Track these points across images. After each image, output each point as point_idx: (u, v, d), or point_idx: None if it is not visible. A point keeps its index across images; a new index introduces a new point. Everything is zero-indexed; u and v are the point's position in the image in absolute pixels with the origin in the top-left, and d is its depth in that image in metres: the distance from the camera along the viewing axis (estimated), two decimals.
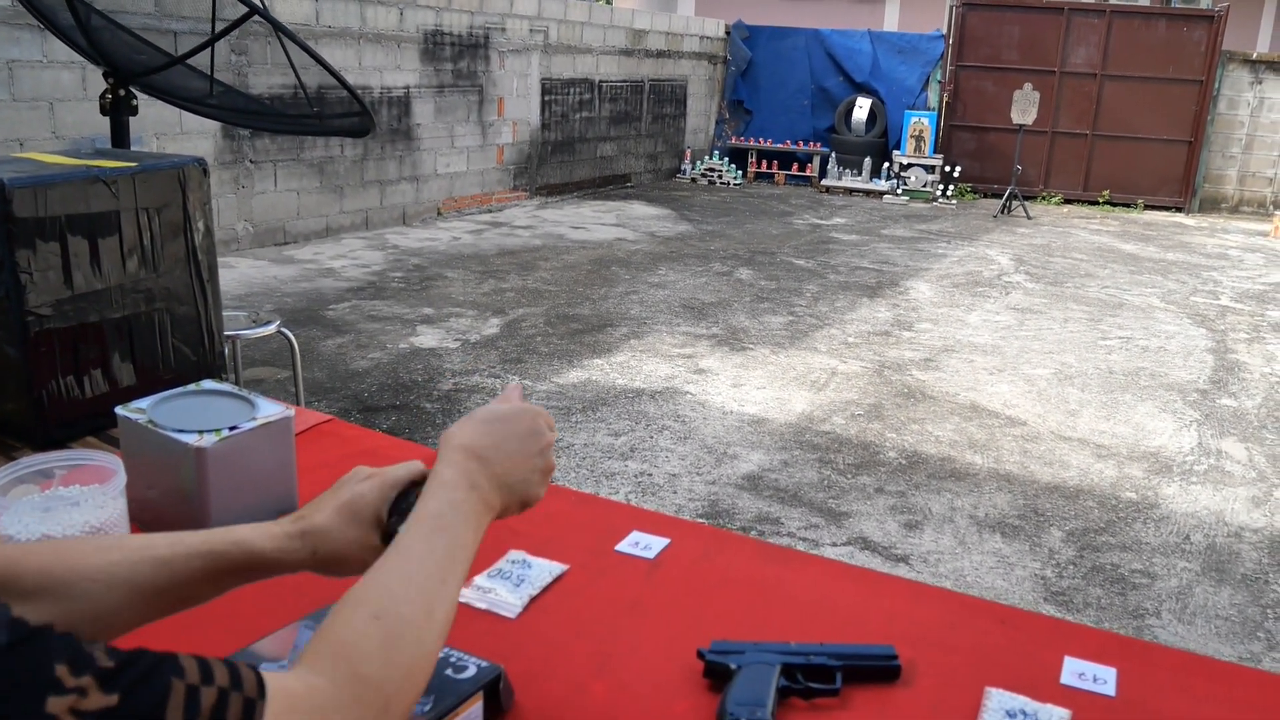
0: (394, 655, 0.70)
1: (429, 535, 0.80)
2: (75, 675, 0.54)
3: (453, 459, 0.86)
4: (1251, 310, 7.47)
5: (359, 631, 0.70)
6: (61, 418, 1.62)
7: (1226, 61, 12.61)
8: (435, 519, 0.81)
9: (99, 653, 0.56)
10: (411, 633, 0.72)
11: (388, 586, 0.74)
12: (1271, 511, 3.98)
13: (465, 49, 9.70)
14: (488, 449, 0.88)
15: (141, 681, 0.56)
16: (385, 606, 0.72)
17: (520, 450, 0.90)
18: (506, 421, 0.91)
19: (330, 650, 0.68)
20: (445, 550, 0.79)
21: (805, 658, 1.07)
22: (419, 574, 0.76)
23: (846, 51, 13.66)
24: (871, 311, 6.82)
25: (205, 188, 1.81)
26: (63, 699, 0.53)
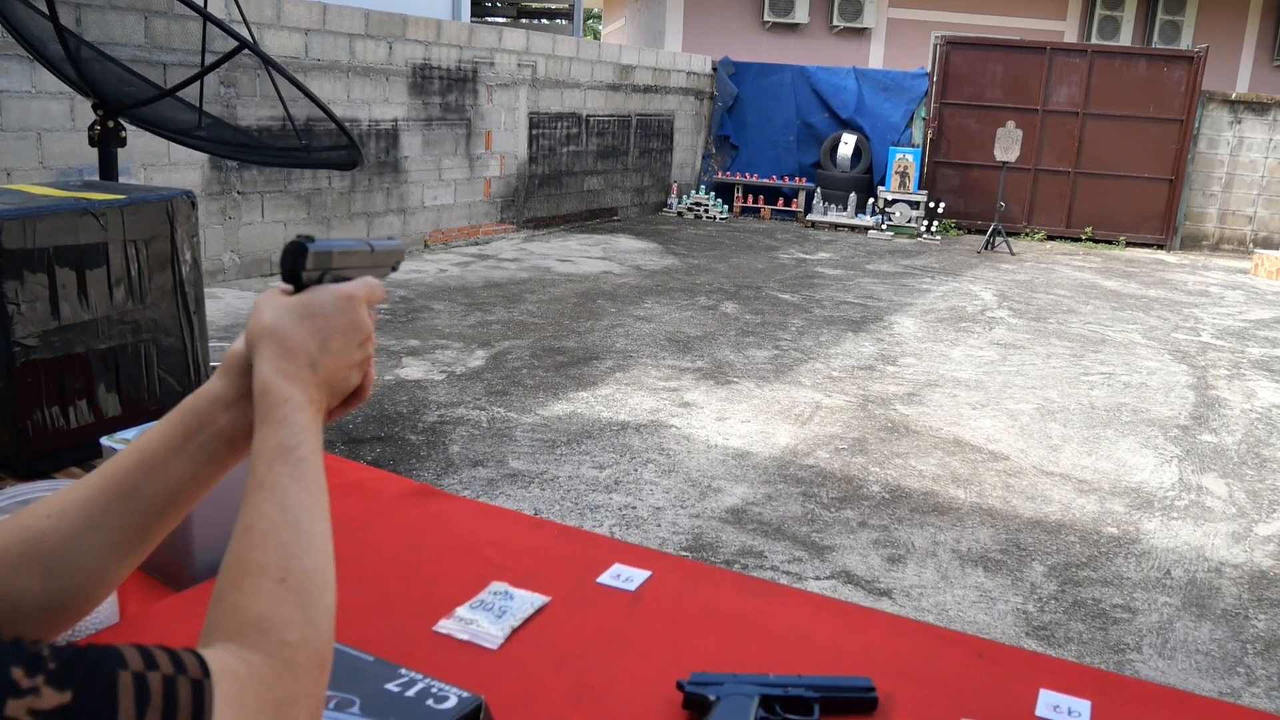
0: (311, 612, 0.70)
1: (295, 471, 0.74)
2: (30, 677, 0.54)
3: (286, 369, 0.77)
4: (1232, 347, 7.54)
5: (273, 599, 0.69)
6: (46, 448, 1.62)
7: (1206, 101, 12.80)
8: (293, 450, 0.75)
9: (45, 652, 0.57)
10: (317, 583, 0.71)
11: (281, 543, 0.71)
12: (1251, 547, 4.00)
13: (453, 83, 9.78)
14: (315, 351, 0.79)
15: (90, 676, 0.57)
16: (288, 566, 0.70)
17: (345, 347, 0.81)
18: (329, 316, 0.81)
19: (253, 625, 0.68)
20: (314, 482, 0.75)
21: (784, 689, 1.08)
22: (303, 518, 0.73)
23: (832, 88, 13.81)
24: (856, 346, 6.86)
25: (193, 220, 1.83)
26: (21, 701, 0.53)
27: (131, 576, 1.32)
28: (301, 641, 0.68)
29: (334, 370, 0.80)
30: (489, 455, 4.48)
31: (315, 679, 0.69)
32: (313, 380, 0.79)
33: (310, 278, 0.81)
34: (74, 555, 0.78)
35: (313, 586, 0.71)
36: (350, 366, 0.82)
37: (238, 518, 0.73)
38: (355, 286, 0.83)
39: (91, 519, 0.78)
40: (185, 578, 1.31)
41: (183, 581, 1.31)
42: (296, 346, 0.78)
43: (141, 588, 1.31)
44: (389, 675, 1.05)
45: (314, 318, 0.80)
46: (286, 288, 0.81)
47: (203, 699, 0.60)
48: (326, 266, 0.82)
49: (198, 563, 1.31)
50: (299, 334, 0.79)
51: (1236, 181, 13.04)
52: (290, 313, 0.79)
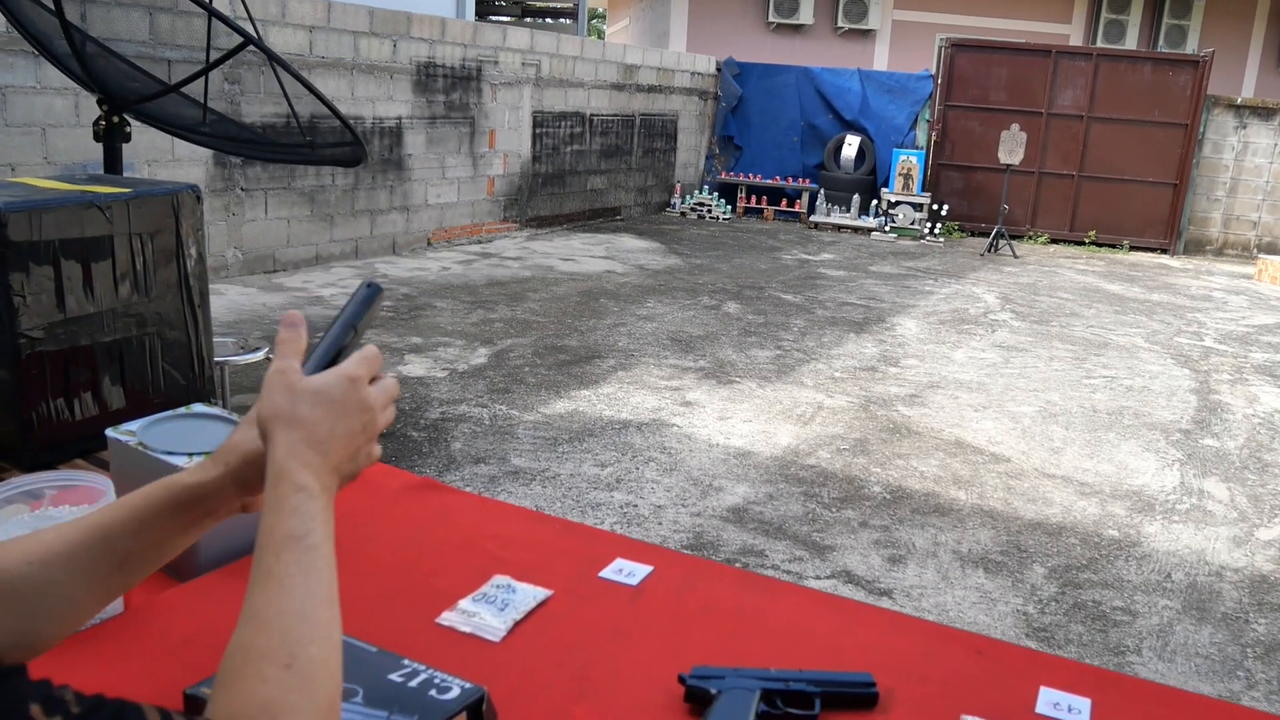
0: (316, 699, 0.70)
1: (303, 560, 0.75)
2: (48, 716, 0.55)
3: (301, 456, 0.78)
4: (1235, 352, 7.54)
5: (278, 686, 0.69)
6: (51, 440, 1.63)
7: (1211, 106, 12.79)
8: (303, 539, 0.75)
9: (68, 696, 0.57)
10: (323, 669, 0.71)
11: (285, 630, 0.71)
12: (1252, 551, 4.00)
13: (458, 81, 9.78)
14: (326, 438, 0.80)
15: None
16: (293, 652, 0.70)
17: (352, 430, 0.82)
18: (339, 401, 0.81)
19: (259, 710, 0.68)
20: (324, 570, 0.76)
21: (785, 684, 1.09)
22: (309, 606, 0.73)
23: (836, 90, 13.80)
24: (858, 347, 6.86)
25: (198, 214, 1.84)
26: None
27: None
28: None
29: (343, 455, 0.81)
30: (491, 452, 4.48)
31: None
32: (325, 467, 0.79)
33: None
34: (53, 600, 0.80)
35: (318, 674, 0.71)
36: (357, 449, 0.83)
37: (244, 604, 0.73)
38: (356, 366, 0.84)
39: (75, 574, 0.81)
40: (190, 569, 1.31)
41: (187, 573, 1.31)
42: (312, 434, 0.79)
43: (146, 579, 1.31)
44: (392, 666, 1.05)
45: (325, 404, 0.80)
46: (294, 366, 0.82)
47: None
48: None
49: (202, 554, 1.31)
50: (313, 420, 0.79)
51: (1241, 186, 13.04)
52: (304, 400, 0.80)
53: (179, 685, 1.00)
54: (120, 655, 1.13)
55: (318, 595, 0.74)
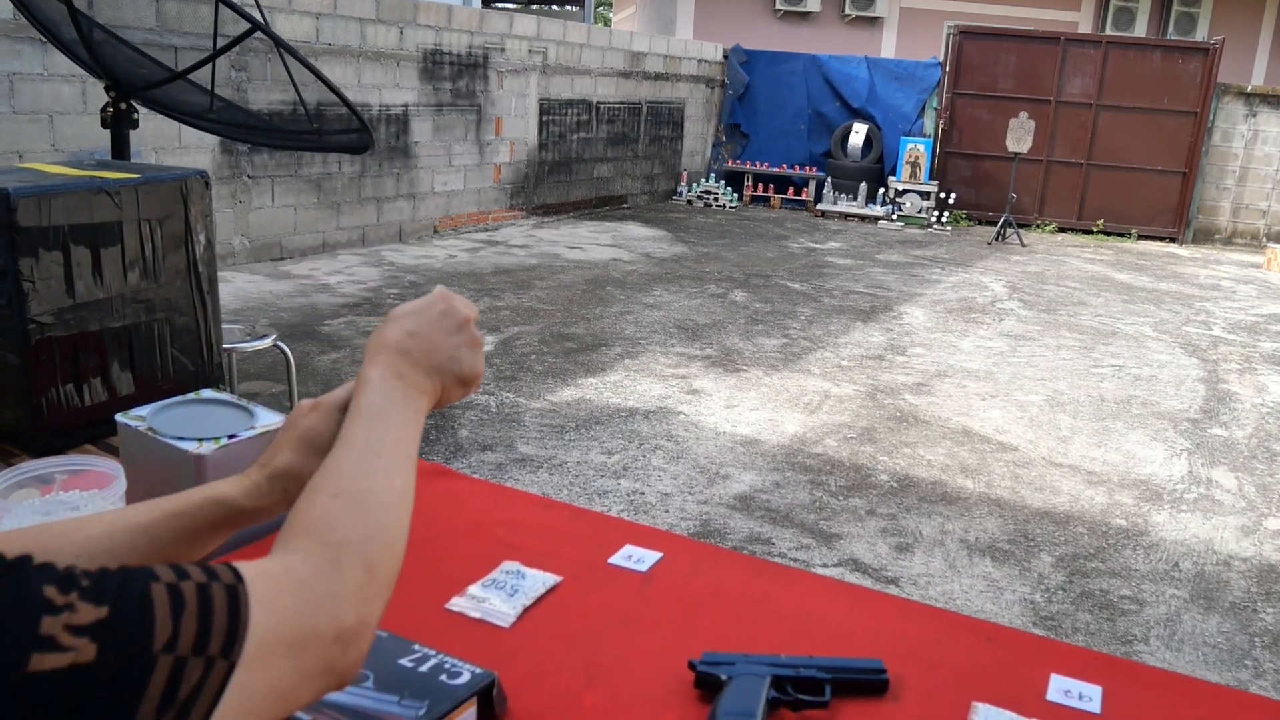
0: (362, 520, 0.72)
1: (369, 423, 0.81)
2: (64, 594, 0.55)
3: (374, 358, 0.87)
4: (1243, 341, 7.51)
5: (322, 507, 0.72)
6: (60, 425, 1.63)
7: (1221, 94, 12.72)
8: (369, 410, 0.83)
9: (77, 571, 0.57)
10: (374, 499, 0.74)
11: (340, 469, 0.76)
12: (1260, 541, 4.00)
13: (464, 68, 9.76)
14: (405, 339, 0.89)
15: (123, 588, 0.58)
16: (341, 484, 0.75)
17: (437, 330, 0.91)
18: (419, 312, 0.92)
19: (296, 531, 0.70)
20: (389, 433, 0.82)
21: (795, 670, 1.08)
22: (368, 454, 0.78)
23: (844, 77, 13.75)
24: (865, 335, 6.85)
25: (207, 200, 1.83)
26: (57, 618, 0.54)
27: None
28: (345, 542, 0.70)
29: (431, 351, 0.90)
30: (498, 440, 4.48)
31: (362, 581, 0.70)
32: (404, 362, 0.87)
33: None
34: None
35: (368, 501, 0.74)
36: (452, 347, 0.91)
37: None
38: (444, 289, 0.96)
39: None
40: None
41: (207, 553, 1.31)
42: (387, 340, 0.89)
43: None
44: (402, 651, 1.05)
45: (405, 314, 0.91)
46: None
47: (238, 601, 0.61)
48: None
49: None
50: (389, 331, 0.89)
51: (1251, 175, 12.97)
52: (385, 321, 0.91)
53: None
54: None
55: (378, 448, 0.79)
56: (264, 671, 0.61)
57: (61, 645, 0.53)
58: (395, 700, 0.97)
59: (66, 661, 0.53)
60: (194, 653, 0.58)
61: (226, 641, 0.59)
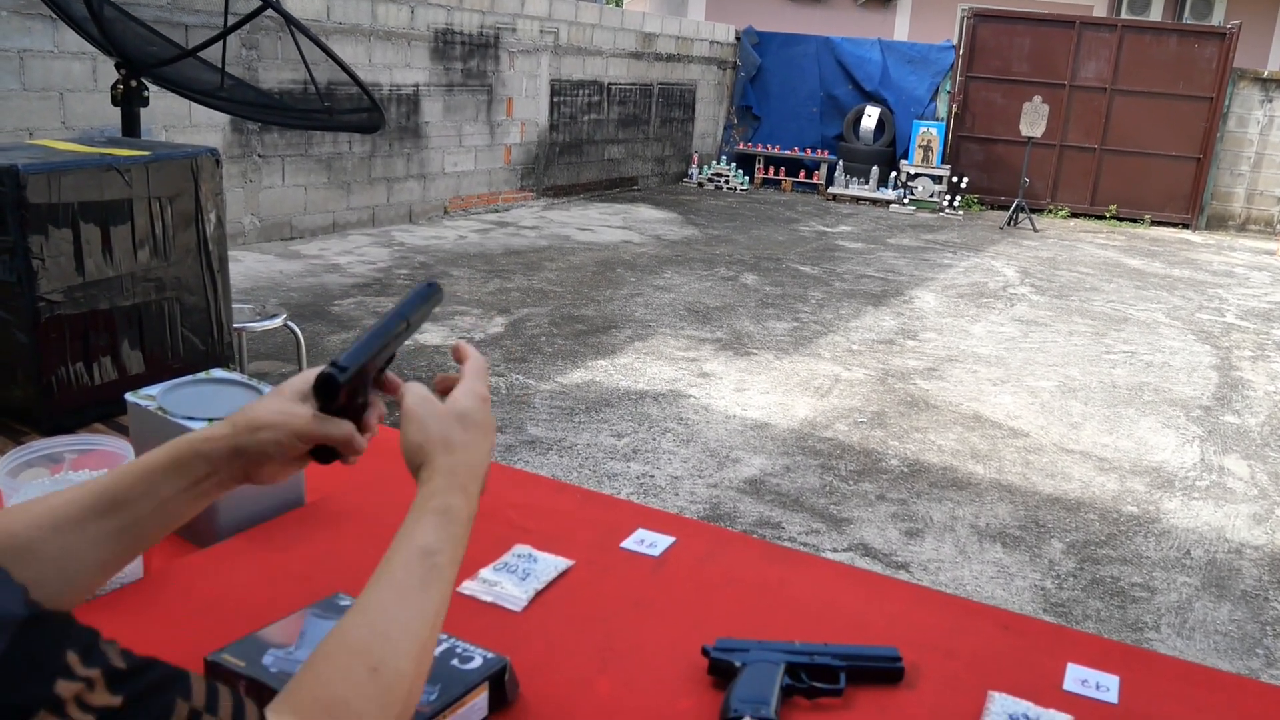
0: (388, 713, 0.69)
1: (426, 576, 0.77)
2: (85, 666, 0.54)
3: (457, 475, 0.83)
4: (1256, 328, 7.47)
5: (357, 687, 0.69)
6: (70, 404, 1.62)
7: (1237, 79, 12.60)
8: (433, 556, 0.78)
9: (113, 652, 0.56)
10: (405, 686, 0.71)
11: (386, 635, 0.72)
12: (1273, 529, 3.97)
13: (475, 48, 9.72)
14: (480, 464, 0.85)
15: (149, 693, 0.56)
16: (384, 659, 0.71)
17: (488, 443, 0.87)
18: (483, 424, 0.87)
19: (328, 706, 0.67)
20: (440, 592, 0.77)
21: (809, 657, 1.07)
22: (415, 622, 0.74)
23: (856, 60, 13.66)
24: (876, 320, 6.82)
25: (218, 178, 1.82)
26: (72, 684, 0.52)
27: None
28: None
29: (483, 468, 0.86)
30: (507, 422, 4.48)
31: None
32: (476, 492, 0.84)
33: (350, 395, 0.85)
34: (65, 563, 0.79)
35: (398, 688, 0.71)
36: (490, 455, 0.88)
37: (359, 596, 0.75)
38: (483, 384, 0.90)
39: (86, 538, 0.80)
40: (209, 535, 1.31)
41: (207, 538, 1.31)
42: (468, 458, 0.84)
43: (166, 544, 1.31)
44: None
45: (474, 429, 0.86)
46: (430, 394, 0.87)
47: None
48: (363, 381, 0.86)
49: (222, 520, 1.31)
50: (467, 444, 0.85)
51: (1265, 161, 12.86)
52: (457, 425, 0.85)
53: (199, 650, 0.99)
54: (140, 620, 1.12)
55: (426, 615, 0.75)
56: None
57: (68, 715, 0.52)
58: None
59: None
60: None
61: None
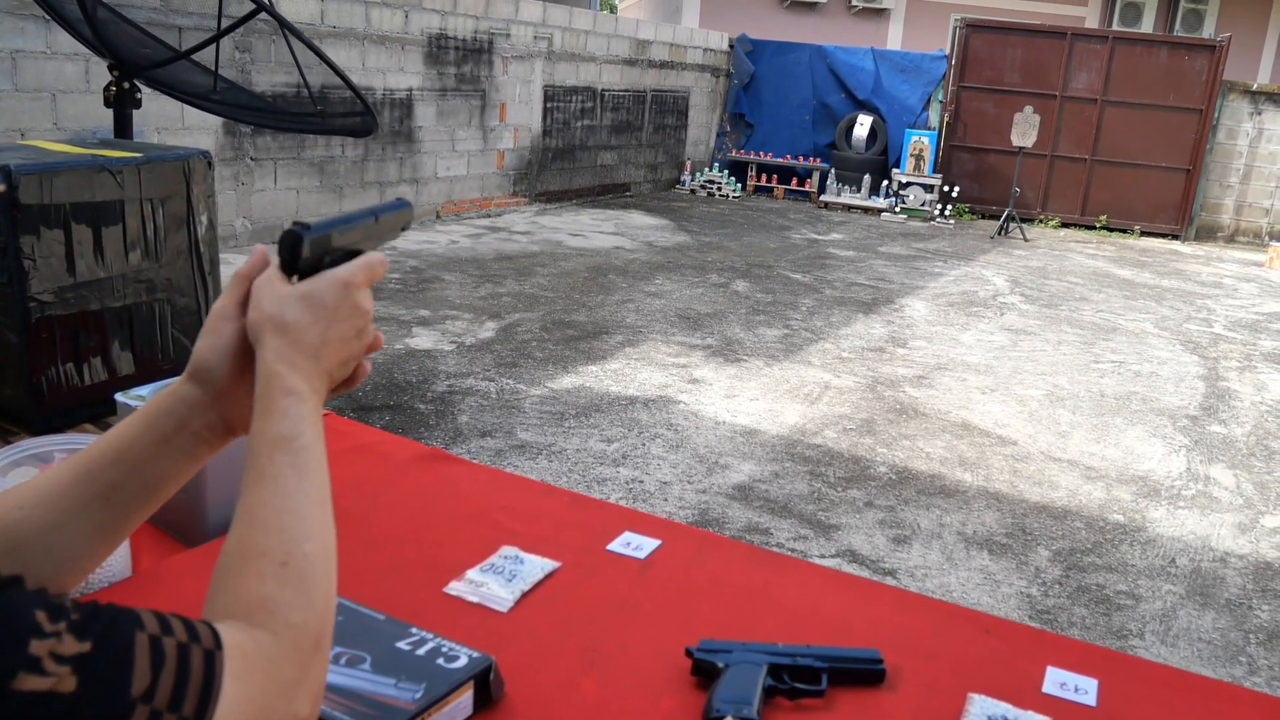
0: (313, 596, 0.71)
1: (295, 461, 0.75)
2: (52, 622, 0.56)
3: (291, 359, 0.77)
4: (1244, 339, 7.51)
5: (277, 581, 0.70)
6: (60, 404, 1.63)
7: (1227, 91, 12.68)
8: (294, 441, 0.75)
9: (68, 603, 0.58)
10: (318, 568, 0.73)
11: (281, 529, 0.72)
12: (1257, 538, 4.00)
13: (469, 53, 9.74)
14: (317, 342, 0.79)
15: (109, 630, 0.58)
16: (289, 550, 0.72)
17: (345, 335, 0.80)
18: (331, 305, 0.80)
19: (258, 605, 0.69)
20: (315, 470, 0.76)
21: (792, 659, 1.08)
22: (303, 505, 0.74)
23: (849, 69, 13.71)
24: (866, 327, 6.84)
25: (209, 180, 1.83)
26: (44, 642, 0.55)
27: (144, 532, 1.33)
28: (303, 624, 0.70)
29: (334, 359, 0.80)
30: (497, 426, 4.48)
31: (315, 662, 0.70)
32: (315, 370, 0.78)
33: (308, 264, 0.80)
34: (50, 546, 0.78)
35: (313, 571, 0.72)
36: (349, 355, 0.82)
37: (237, 505, 0.74)
38: (354, 271, 0.81)
39: (68, 512, 0.79)
40: (198, 534, 1.31)
41: (195, 538, 1.31)
42: (301, 337, 0.78)
43: (154, 543, 1.32)
44: (400, 634, 1.05)
45: (316, 308, 0.79)
46: (279, 274, 0.80)
47: (213, 669, 0.61)
48: (325, 250, 0.81)
49: (210, 519, 1.31)
50: (302, 324, 0.78)
51: (1255, 173, 12.94)
52: (293, 302, 0.78)
53: None
54: None
55: (310, 495, 0.74)
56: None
57: (45, 670, 0.54)
58: (392, 683, 0.97)
59: (47, 686, 0.54)
60: (169, 709, 0.58)
61: (199, 706, 0.60)
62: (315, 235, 0.80)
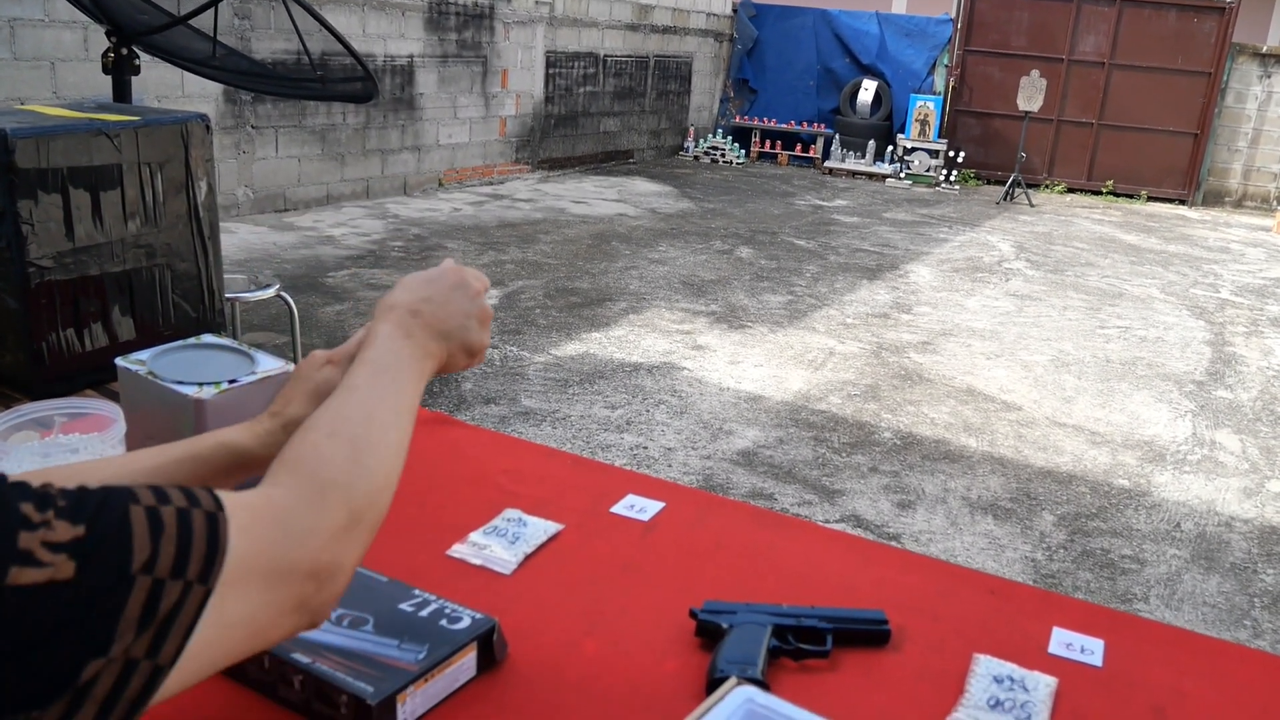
0: (354, 463, 0.72)
1: (372, 375, 0.82)
2: (40, 512, 0.55)
3: (385, 316, 0.89)
4: (1251, 304, 7.48)
5: (316, 445, 0.72)
6: (60, 370, 1.62)
7: (1236, 54, 12.55)
8: (375, 363, 0.84)
9: (54, 491, 0.58)
10: (369, 445, 0.74)
11: (338, 412, 0.77)
12: (1263, 503, 4.00)
13: (470, 19, 9.65)
14: (418, 303, 0.90)
15: (101, 509, 0.58)
16: (338, 426, 0.75)
17: (450, 299, 0.93)
18: (434, 280, 0.94)
19: (285, 464, 0.70)
20: (392, 386, 0.82)
21: (796, 619, 1.08)
22: (369, 402, 0.79)
23: (854, 33, 13.59)
24: (871, 293, 6.82)
25: (208, 145, 1.81)
26: (33, 534, 0.54)
27: None
28: (333, 481, 0.70)
29: (443, 318, 0.91)
30: (501, 393, 4.48)
31: (344, 522, 0.69)
32: (414, 322, 0.89)
33: None
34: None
35: (361, 446, 0.74)
36: (465, 317, 0.93)
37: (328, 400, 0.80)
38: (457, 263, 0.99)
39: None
40: None
41: None
42: (401, 301, 0.91)
43: None
44: (403, 596, 1.05)
45: (419, 280, 0.94)
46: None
47: (217, 527, 0.61)
48: None
49: None
50: (405, 292, 0.92)
51: (1263, 137, 12.83)
52: (402, 283, 0.94)
53: None
54: None
55: (378, 398, 0.80)
56: (240, 601, 0.61)
57: (39, 561, 0.53)
58: (395, 644, 0.97)
59: (45, 577, 0.53)
60: (172, 575, 0.58)
61: (204, 567, 0.59)
62: None
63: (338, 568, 0.68)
